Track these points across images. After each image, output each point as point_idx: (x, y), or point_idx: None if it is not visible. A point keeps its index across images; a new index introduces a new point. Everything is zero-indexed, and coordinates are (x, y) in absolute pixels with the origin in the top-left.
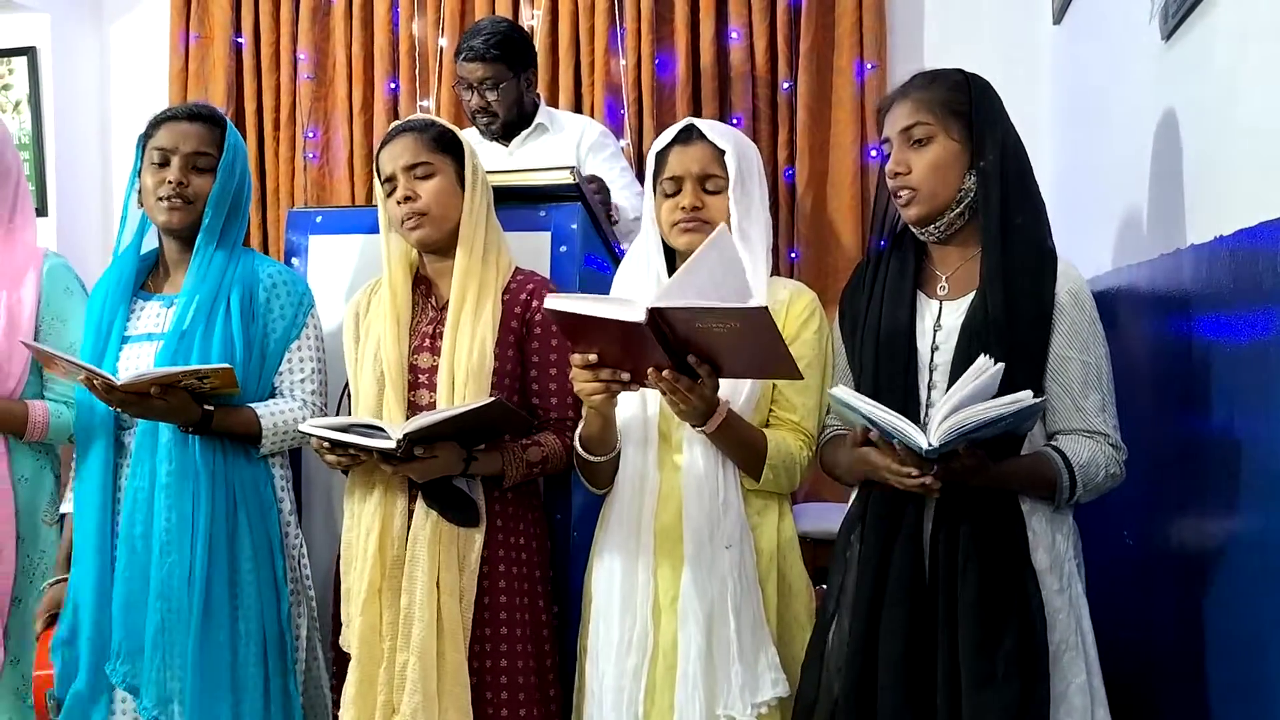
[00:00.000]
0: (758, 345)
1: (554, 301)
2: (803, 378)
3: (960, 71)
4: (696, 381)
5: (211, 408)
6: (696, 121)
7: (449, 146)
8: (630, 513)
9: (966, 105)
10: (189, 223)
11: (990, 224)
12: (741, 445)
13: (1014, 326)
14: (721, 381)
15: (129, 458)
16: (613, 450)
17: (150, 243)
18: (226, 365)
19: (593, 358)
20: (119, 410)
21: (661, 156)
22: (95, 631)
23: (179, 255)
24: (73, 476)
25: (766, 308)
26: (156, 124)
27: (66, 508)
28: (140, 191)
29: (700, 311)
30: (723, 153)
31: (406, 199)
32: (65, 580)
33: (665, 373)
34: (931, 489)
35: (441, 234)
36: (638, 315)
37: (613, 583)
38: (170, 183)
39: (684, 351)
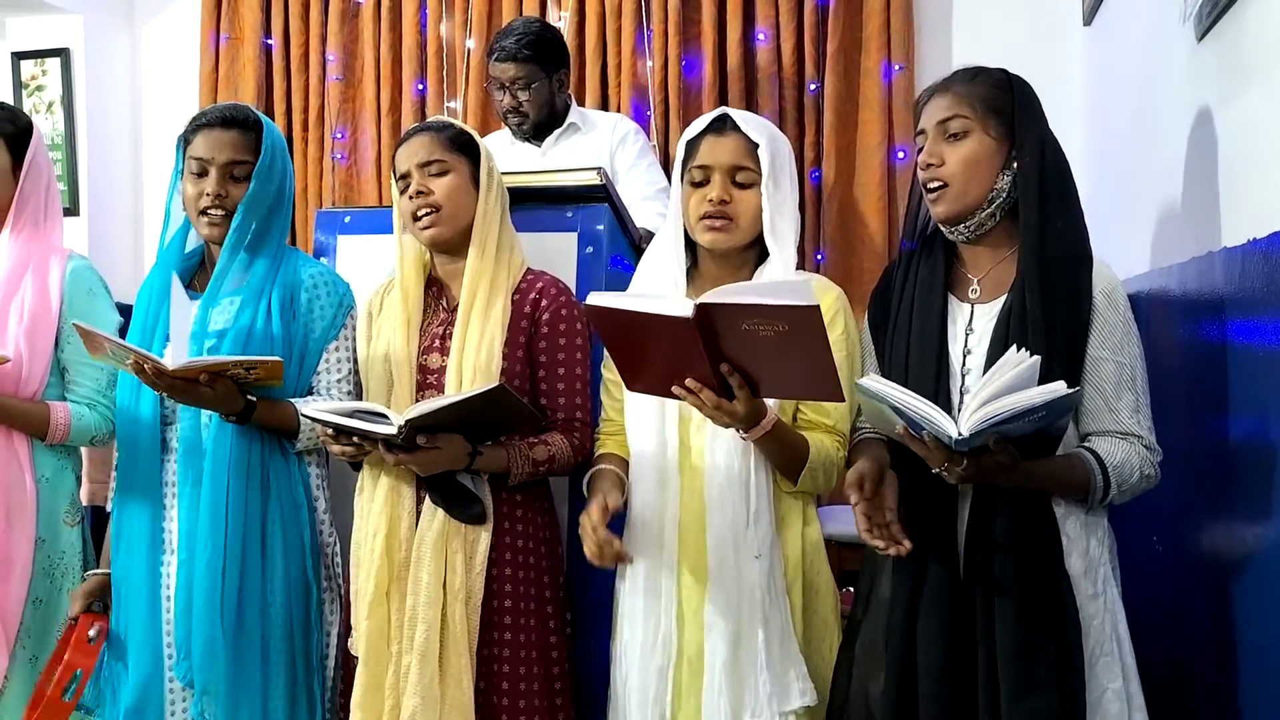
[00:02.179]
0: (803, 353)
1: (596, 298)
2: (844, 399)
3: (1003, 71)
4: (731, 401)
5: (254, 399)
6: (730, 111)
7: (464, 147)
8: (652, 520)
9: (1008, 104)
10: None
11: (1029, 225)
12: (785, 450)
13: (1051, 329)
14: None
15: (173, 454)
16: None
17: (195, 240)
18: (276, 358)
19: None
20: (165, 395)
21: (692, 145)
22: (146, 630)
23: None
24: (113, 475)
25: (818, 306)
26: (195, 129)
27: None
28: (182, 195)
29: (749, 310)
30: (756, 145)
31: (419, 193)
32: (104, 575)
33: (704, 394)
34: (954, 469)
35: (453, 232)
36: (684, 311)
37: (636, 587)
38: (208, 194)
39: (722, 360)
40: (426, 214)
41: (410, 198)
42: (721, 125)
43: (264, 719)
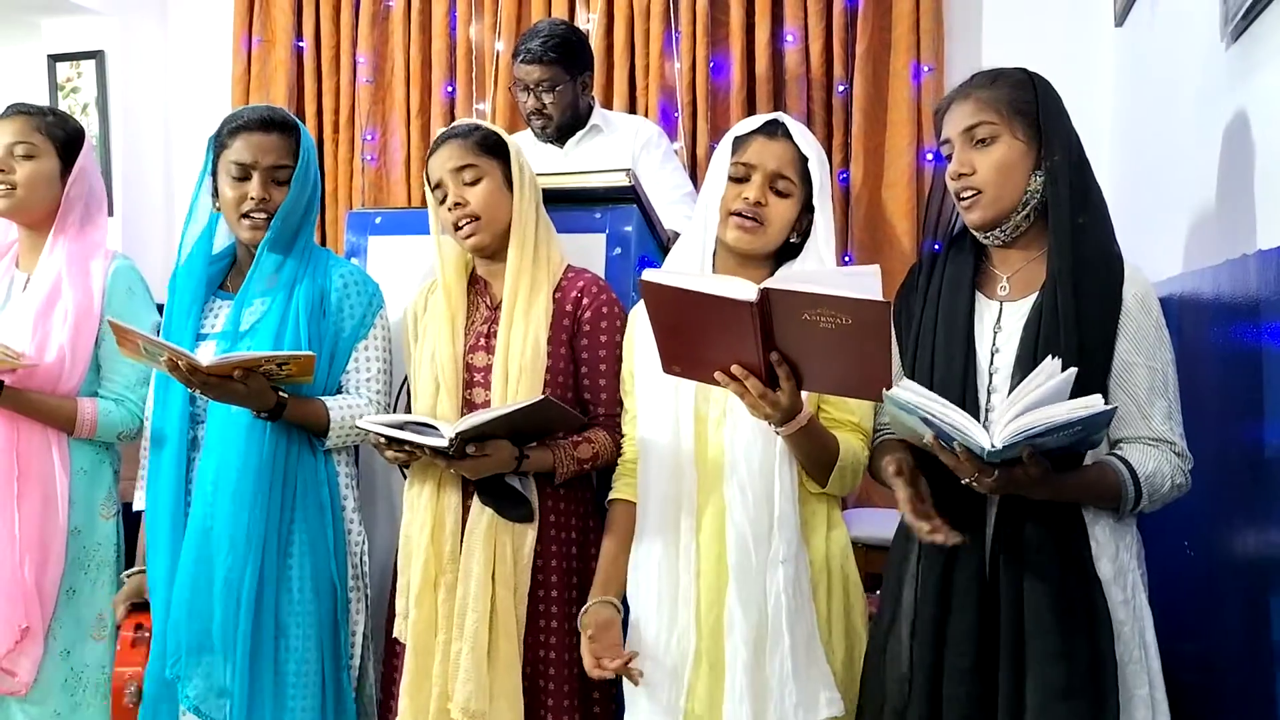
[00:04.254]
0: (860, 349)
1: (653, 275)
2: (882, 400)
3: (1023, 70)
4: (775, 390)
5: (285, 396)
6: (784, 118)
7: (494, 149)
8: (668, 517)
9: (1032, 104)
10: None
11: (1060, 223)
12: (817, 449)
13: (1081, 329)
14: None
15: (201, 451)
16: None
17: (221, 239)
18: (309, 352)
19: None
20: (199, 392)
21: (740, 142)
22: (163, 625)
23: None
24: (141, 473)
25: (888, 303)
26: (232, 132)
27: (142, 505)
28: (216, 198)
29: (815, 299)
30: (805, 159)
31: (457, 205)
32: (144, 572)
33: (750, 382)
34: (984, 480)
35: (493, 237)
36: (748, 294)
37: (650, 590)
38: (253, 198)
39: (773, 348)
40: (467, 223)
41: (449, 208)
42: (774, 129)
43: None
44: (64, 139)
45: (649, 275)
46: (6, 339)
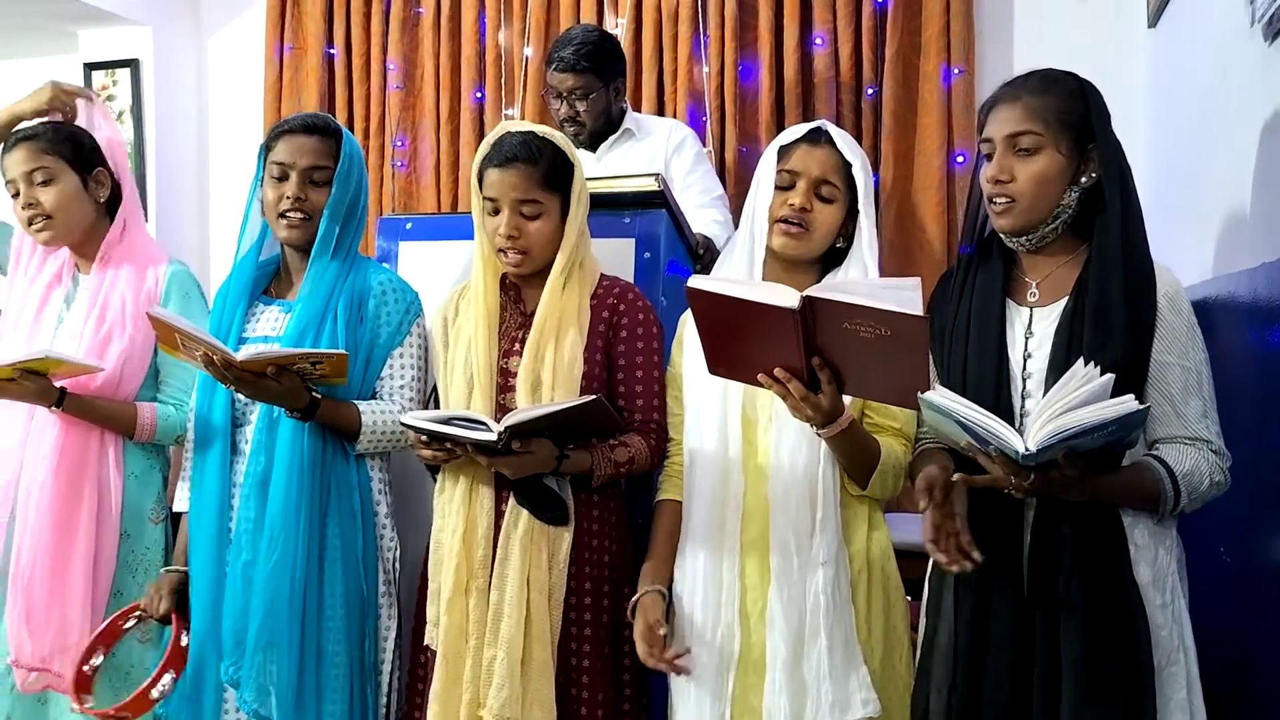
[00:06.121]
0: (899, 360)
1: (698, 281)
2: (919, 408)
3: (1075, 78)
4: (816, 393)
5: (318, 395)
6: (828, 125)
7: (560, 180)
8: (714, 517)
9: (1080, 115)
10: (309, 237)
11: (1109, 237)
12: (858, 451)
13: (1114, 332)
14: None
15: (242, 456)
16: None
17: (272, 248)
18: (342, 351)
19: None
20: (234, 389)
21: (785, 151)
22: (208, 626)
23: (300, 263)
24: (184, 474)
25: (927, 318)
26: (276, 136)
27: (181, 506)
28: (262, 201)
29: (856, 310)
30: (849, 164)
31: (511, 237)
32: (183, 572)
33: (792, 385)
34: (1020, 488)
35: (538, 269)
36: (790, 301)
37: (695, 588)
38: (289, 197)
39: (815, 355)
40: (516, 254)
41: (503, 234)
42: (816, 137)
43: None
44: (71, 151)
45: (694, 282)
46: (66, 345)
